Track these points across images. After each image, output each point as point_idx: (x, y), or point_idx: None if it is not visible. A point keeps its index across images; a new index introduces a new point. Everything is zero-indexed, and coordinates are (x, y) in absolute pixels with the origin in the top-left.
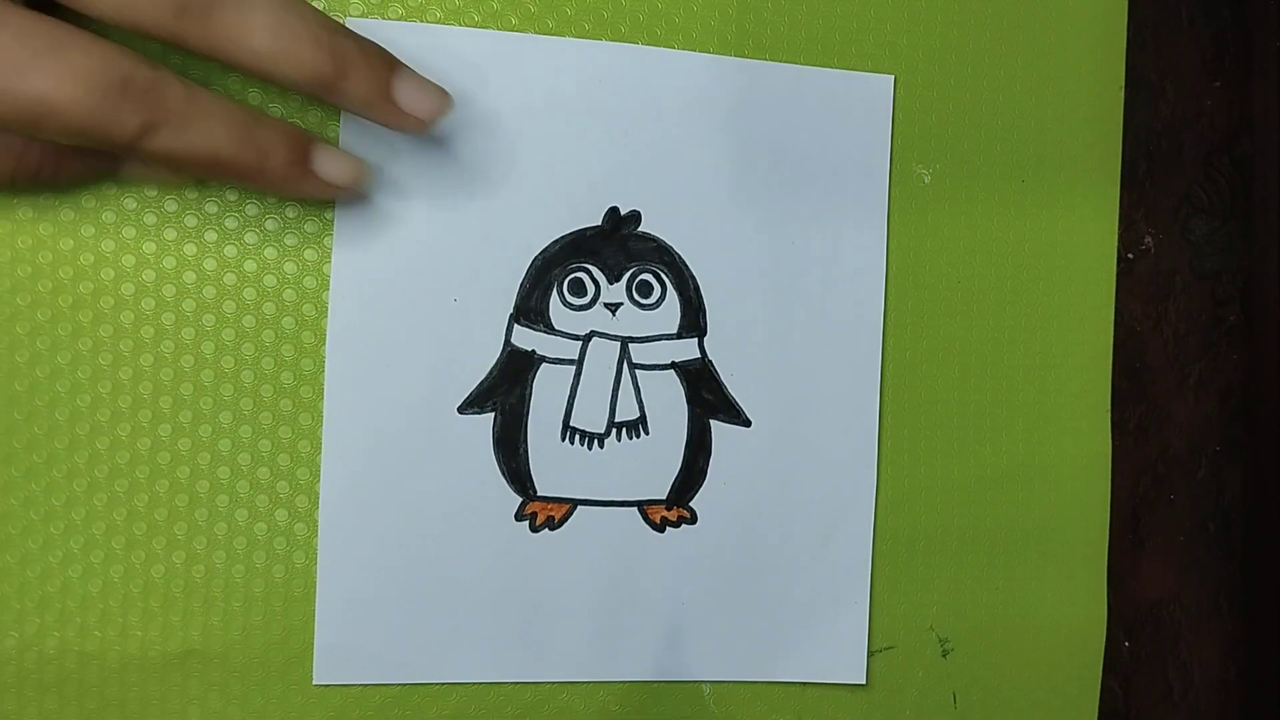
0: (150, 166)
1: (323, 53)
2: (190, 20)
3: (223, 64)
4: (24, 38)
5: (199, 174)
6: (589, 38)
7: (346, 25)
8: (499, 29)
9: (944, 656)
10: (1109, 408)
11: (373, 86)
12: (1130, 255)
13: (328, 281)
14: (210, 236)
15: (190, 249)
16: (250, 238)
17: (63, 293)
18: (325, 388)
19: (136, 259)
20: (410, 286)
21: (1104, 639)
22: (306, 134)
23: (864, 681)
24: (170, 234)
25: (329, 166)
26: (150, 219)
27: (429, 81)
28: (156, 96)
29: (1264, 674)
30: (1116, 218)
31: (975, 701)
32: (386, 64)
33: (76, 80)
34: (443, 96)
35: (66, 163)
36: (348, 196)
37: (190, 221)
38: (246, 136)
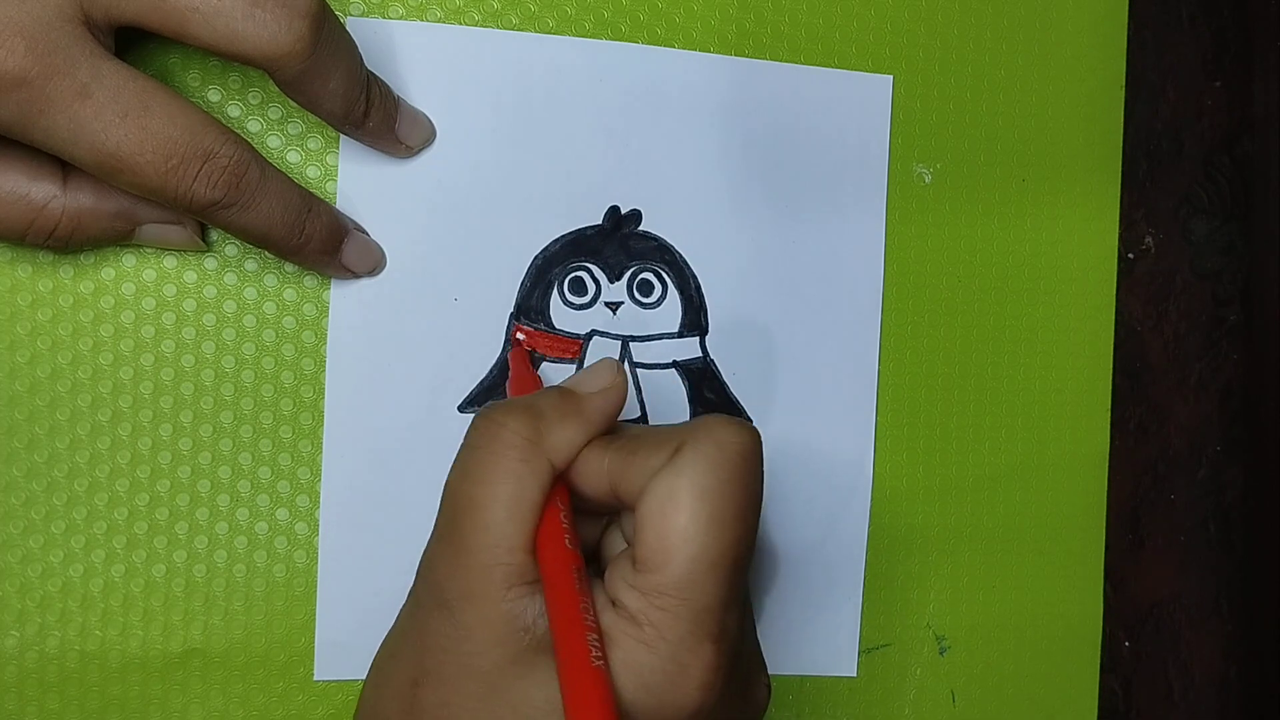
0: (169, 232)
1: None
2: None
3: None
4: (116, 96)
5: (241, 239)
6: (589, 37)
7: (346, 23)
8: (499, 28)
9: (941, 654)
10: (1109, 408)
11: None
12: (1130, 255)
13: (328, 281)
14: (210, 237)
15: None
16: None
17: (63, 293)
18: (326, 387)
19: (137, 258)
20: (410, 286)
21: (1099, 638)
22: (344, 225)
23: (854, 674)
24: None
25: (353, 257)
26: None
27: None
28: (233, 177)
29: (1264, 674)
30: (1116, 218)
31: (974, 700)
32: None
33: (157, 146)
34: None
35: (84, 226)
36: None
37: None
38: (297, 223)
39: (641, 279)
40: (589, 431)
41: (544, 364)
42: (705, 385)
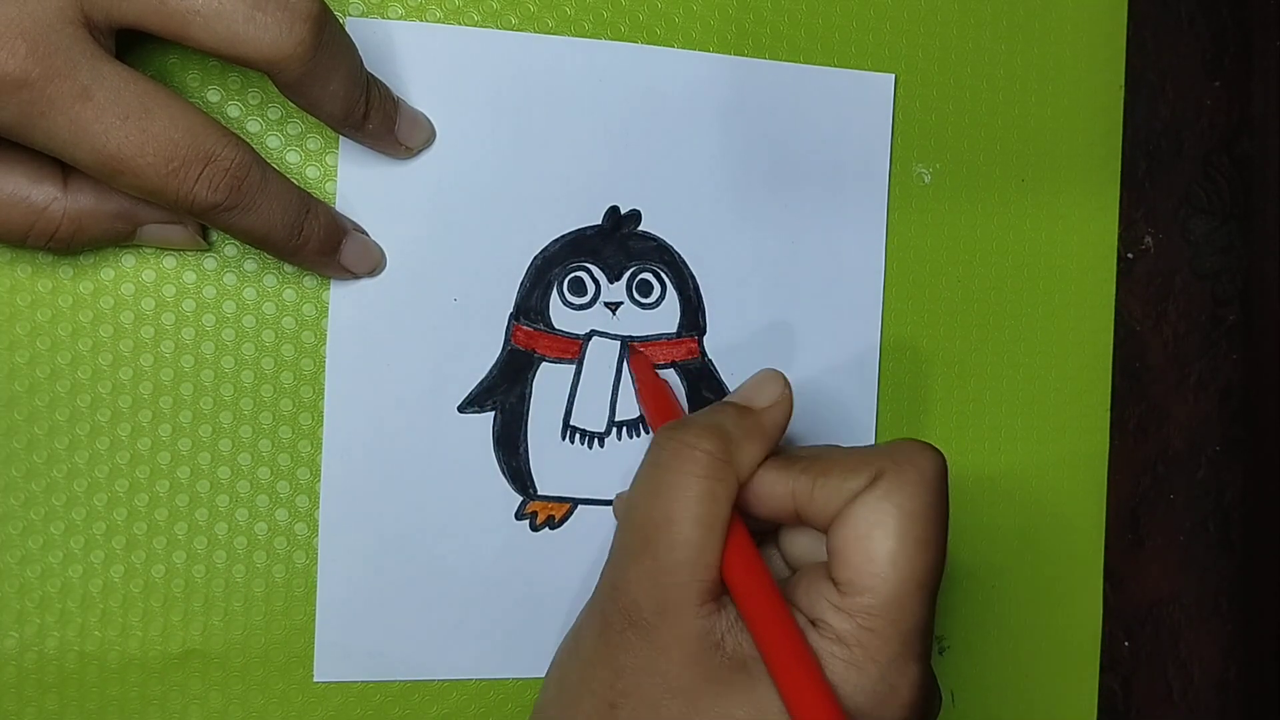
0: (170, 232)
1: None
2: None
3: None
4: (117, 98)
5: (240, 240)
6: (589, 37)
7: (345, 24)
8: (499, 28)
9: (940, 654)
10: (1109, 407)
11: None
12: (1130, 255)
13: (328, 281)
14: (210, 237)
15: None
16: None
17: (62, 293)
18: (325, 388)
19: (137, 258)
20: (410, 286)
21: (1099, 638)
22: (342, 225)
23: None
24: None
25: (352, 257)
26: None
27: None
28: (235, 180)
29: (1264, 674)
30: (1116, 218)
31: (974, 700)
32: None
33: (158, 149)
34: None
35: (85, 227)
36: (362, 279)
37: None
38: (296, 224)
39: (641, 279)
40: (767, 447)
41: (543, 364)
42: (703, 385)
